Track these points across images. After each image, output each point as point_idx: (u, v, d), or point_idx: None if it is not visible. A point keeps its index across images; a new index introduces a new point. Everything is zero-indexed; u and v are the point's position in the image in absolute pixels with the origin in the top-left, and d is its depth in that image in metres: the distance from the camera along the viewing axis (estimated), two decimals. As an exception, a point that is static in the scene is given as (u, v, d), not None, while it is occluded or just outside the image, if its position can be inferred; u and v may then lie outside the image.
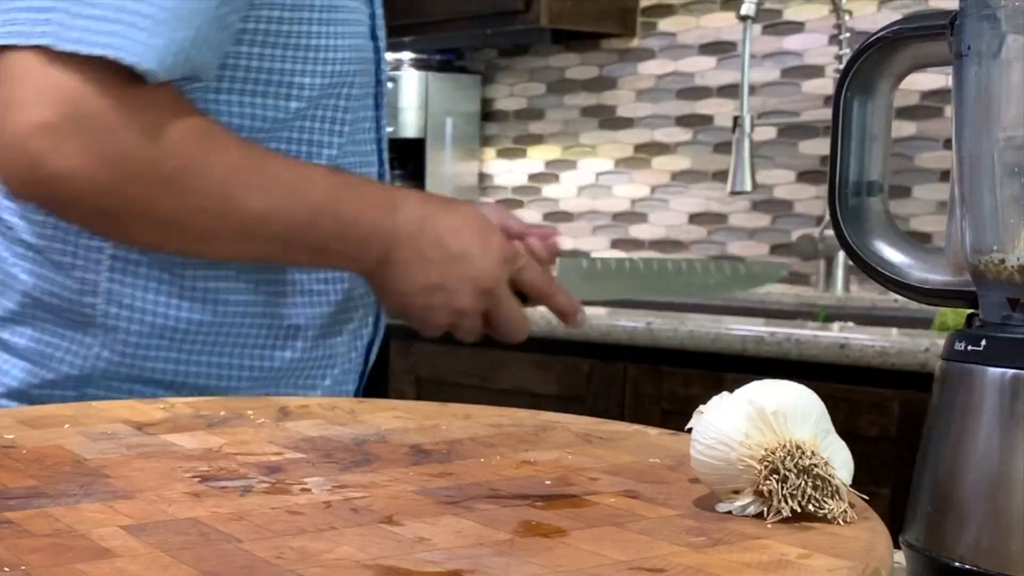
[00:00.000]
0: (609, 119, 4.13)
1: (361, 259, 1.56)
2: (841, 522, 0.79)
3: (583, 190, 4.17)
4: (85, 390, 1.55)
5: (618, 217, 4.06)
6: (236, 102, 1.55)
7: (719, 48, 3.77)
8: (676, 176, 3.96)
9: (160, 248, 1.52)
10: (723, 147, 3.71)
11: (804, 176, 3.63)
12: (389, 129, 3.81)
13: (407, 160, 4.00)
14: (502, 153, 4.53)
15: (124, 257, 1.53)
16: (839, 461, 0.81)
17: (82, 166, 1.38)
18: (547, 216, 4.34)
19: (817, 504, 0.79)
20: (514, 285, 1.59)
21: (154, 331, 1.54)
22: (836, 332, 2.51)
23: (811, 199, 3.61)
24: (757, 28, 3.62)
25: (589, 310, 2.80)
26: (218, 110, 1.54)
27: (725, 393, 0.83)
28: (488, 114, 4.56)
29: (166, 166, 1.43)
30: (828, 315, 3.30)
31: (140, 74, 1.37)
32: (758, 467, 0.80)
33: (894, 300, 3.18)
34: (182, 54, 1.40)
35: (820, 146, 3.60)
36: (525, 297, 1.63)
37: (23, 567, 0.70)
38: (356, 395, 1.81)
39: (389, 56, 3.92)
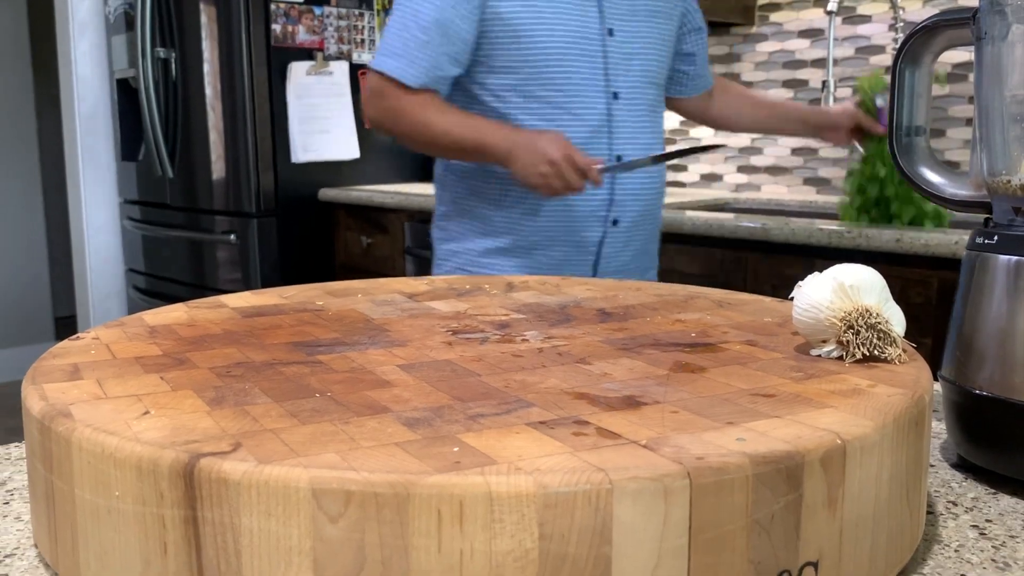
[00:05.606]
0: (736, 82, 4.04)
1: (497, 159, 2.05)
2: (897, 362, 0.79)
3: (717, 132, 4.09)
4: None
5: (743, 151, 3.98)
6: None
7: (812, 33, 3.67)
8: (781, 123, 3.88)
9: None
10: (815, 102, 3.63)
11: (871, 121, 3.54)
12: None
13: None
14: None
15: None
16: (896, 320, 0.81)
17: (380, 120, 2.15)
18: (692, 152, 4.27)
19: (880, 350, 0.79)
20: (571, 162, 1.99)
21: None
22: (894, 230, 2.45)
23: (876, 137, 3.53)
24: (838, 20, 3.57)
25: (722, 215, 2.77)
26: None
27: (816, 272, 0.83)
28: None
29: (404, 118, 2.10)
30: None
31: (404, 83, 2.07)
32: (839, 324, 0.79)
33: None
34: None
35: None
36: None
37: (329, 393, 0.72)
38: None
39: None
